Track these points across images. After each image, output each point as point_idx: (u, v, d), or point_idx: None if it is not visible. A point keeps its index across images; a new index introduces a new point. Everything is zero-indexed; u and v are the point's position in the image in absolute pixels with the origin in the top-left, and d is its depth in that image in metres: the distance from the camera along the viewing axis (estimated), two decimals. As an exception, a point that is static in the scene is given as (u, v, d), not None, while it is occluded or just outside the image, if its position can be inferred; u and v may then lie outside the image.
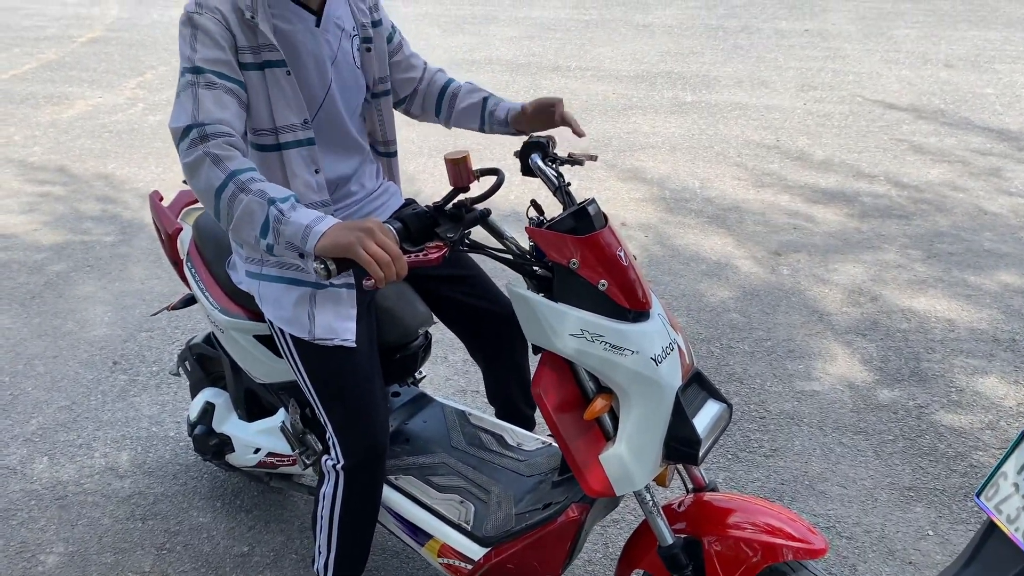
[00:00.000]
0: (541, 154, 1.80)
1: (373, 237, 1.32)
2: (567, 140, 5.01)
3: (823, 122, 5.23)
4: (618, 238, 1.54)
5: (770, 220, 3.98)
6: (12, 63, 7.14)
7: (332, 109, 1.67)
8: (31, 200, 4.37)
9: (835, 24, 7.69)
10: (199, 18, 1.47)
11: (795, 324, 3.16)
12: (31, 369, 2.99)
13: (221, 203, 1.40)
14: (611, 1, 9.01)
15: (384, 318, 1.84)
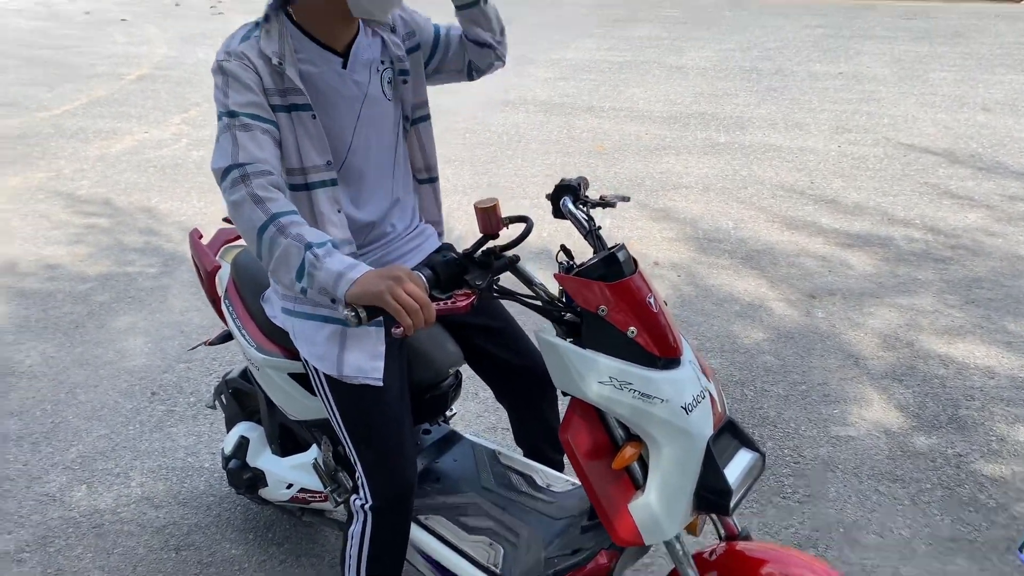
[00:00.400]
0: (572, 197, 1.82)
1: (402, 285, 1.35)
2: (600, 181, 5.05)
3: (858, 165, 5.21)
4: (648, 284, 1.55)
5: (804, 262, 3.96)
6: (64, 99, 7.39)
7: (362, 147, 1.70)
8: (77, 232, 4.50)
9: (869, 67, 7.69)
10: (228, 65, 1.54)
11: (830, 368, 3.13)
12: (73, 398, 3.06)
13: (262, 244, 1.46)
14: (645, 43, 9.10)
15: (415, 358, 1.87)
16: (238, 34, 1.58)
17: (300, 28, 1.61)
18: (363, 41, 1.69)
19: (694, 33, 9.62)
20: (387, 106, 1.73)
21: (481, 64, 1.90)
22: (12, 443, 2.82)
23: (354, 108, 1.67)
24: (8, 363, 3.29)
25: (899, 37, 9.05)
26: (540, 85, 7.39)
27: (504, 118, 6.42)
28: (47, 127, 6.51)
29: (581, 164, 5.38)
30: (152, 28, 11.04)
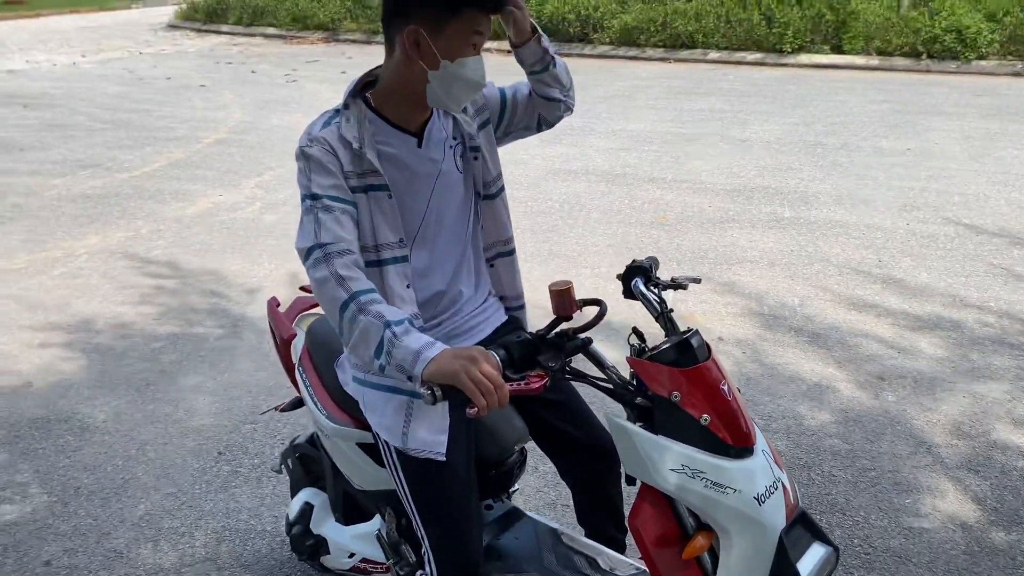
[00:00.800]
0: (644, 278, 1.83)
1: (478, 365, 1.39)
2: (663, 253, 5.06)
3: (927, 244, 5.12)
4: (722, 371, 1.55)
5: (872, 343, 3.88)
6: (144, 161, 7.74)
7: (435, 220, 1.76)
8: (151, 291, 4.67)
9: (938, 144, 7.60)
10: (311, 150, 1.64)
11: (901, 455, 3.04)
12: (143, 454, 3.13)
13: (343, 321, 1.52)
14: (707, 116, 9.17)
15: (482, 433, 1.88)
16: (319, 121, 1.67)
17: (377, 113, 1.70)
18: (437, 122, 1.77)
19: (757, 106, 9.67)
20: (459, 180, 1.80)
21: (551, 117, 1.97)
22: (84, 497, 2.89)
23: (429, 184, 1.74)
24: (83, 418, 3.40)
25: (968, 114, 8.95)
26: (602, 155, 7.48)
27: (565, 187, 6.50)
28: (127, 188, 6.81)
29: (643, 235, 5.40)
30: (229, 94, 11.54)
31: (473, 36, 1.61)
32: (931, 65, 12.06)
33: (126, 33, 21.67)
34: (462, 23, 1.59)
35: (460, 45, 1.60)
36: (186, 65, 14.91)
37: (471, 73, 1.63)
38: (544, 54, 1.84)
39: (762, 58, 13.30)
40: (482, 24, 1.62)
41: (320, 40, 18.49)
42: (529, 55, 1.83)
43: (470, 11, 1.58)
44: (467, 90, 1.67)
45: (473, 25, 1.60)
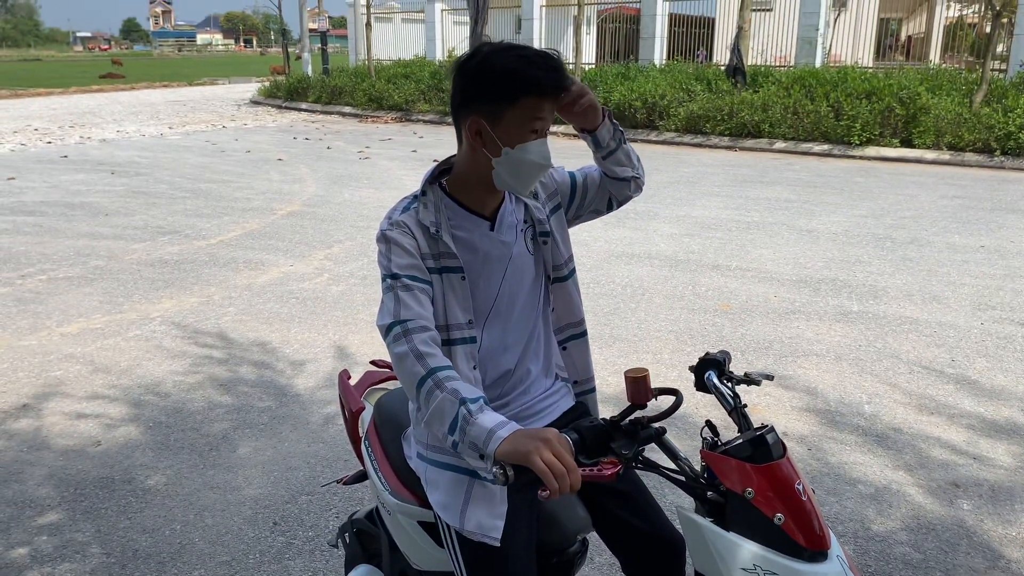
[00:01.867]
0: (717, 372, 1.82)
1: (551, 447, 1.39)
2: (727, 342, 4.99)
3: (1003, 345, 4.95)
4: (796, 470, 1.51)
5: (945, 447, 3.73)
6: (221, 229, 8.04)
7: (507, 300, 1.81)
8: (221, 356, 4.78)
9: (1013, 242, 7.42)
10: (391, 233, 1.69)
11: (978, 568, 2.88)
12: (200, 520, 3.16)
13: (420, 396, 1.55)
14: (773, 205, 9.15)
15: (545, 520, 1.85)
16: (399, 206, 1.74)
17: (453, 198, 1.77)
18: (509, 206, 1.83)
19: (824, 198, 9.62)
20: (530, 262, 1.85)
21: (621, 196, 2.01)
22: (141, 560, 2.92)
23: (501, 266, 1.79)
24: (145, 480, 3.46)
25: (1044, 213, 8.75)
26: (665, 240, 7.50)
27: (628, 271, 6.51)
28: (203, 255, 7.06)
29: (706, 322, 5.34)
30: (304, 168, 11.99)
31: (534, 123, 1.66)
32: (1005, 162, 11.89)
33: (211, 107, 22.84)
34: (521, 110, 1.65)
35: (520, 132, 1.66)
36: (265, 139, 15.58)
37: (534, 157, 1.68)
38: (615, 130, 1.89)
39: (829, 149, 13.31)
40: (542, 110, 1.67)
41: (393, 120, 19.18)
42: (605, 134, 1.88)
43: (528, 99, 1.64)
44: (532, 173, 1.72)
45: (533, 112, 1.65)
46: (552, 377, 1.96)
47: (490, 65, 1.64)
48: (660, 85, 15.70)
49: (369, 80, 20.88)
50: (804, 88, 14.23)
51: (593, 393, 2.01)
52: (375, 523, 2.27)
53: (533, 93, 1.63)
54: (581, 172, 2.00)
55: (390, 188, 10.05)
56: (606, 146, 1.89)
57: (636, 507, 1.87)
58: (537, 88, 1.63)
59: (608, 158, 1.92)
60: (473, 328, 1.75)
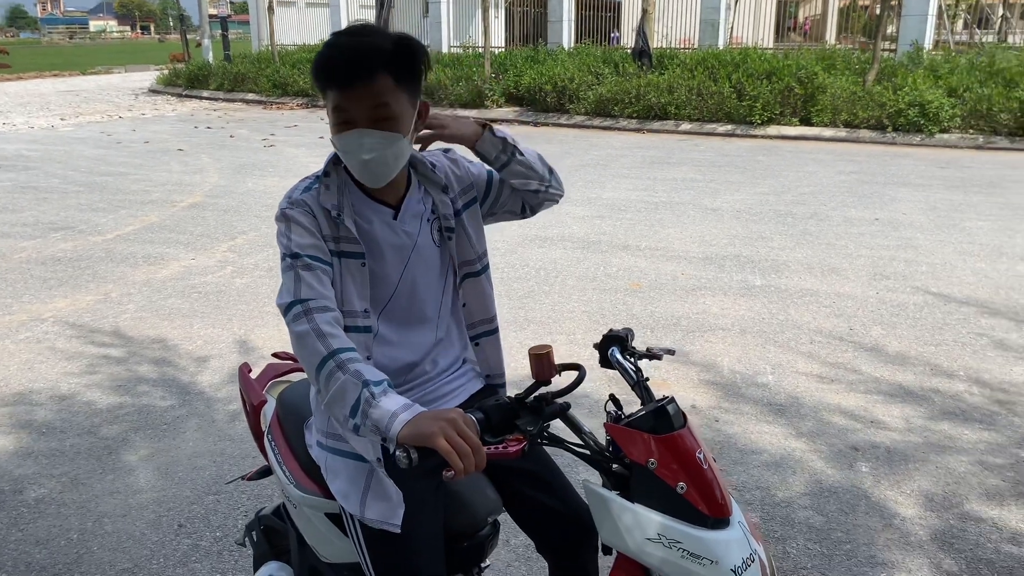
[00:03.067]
0: (620, 348, 1.83)
1: (455, 427, 1.37)
2: (636, 320, 5.06)
3: (897, 312, 5.18)
4: (697, 439, 1.53)
5: (845, 412, 3.88)
6: (119, 224, 7.70)
7: (407, 291, 1.77)
8: (117, 355, 4.57)
9: (906, 214, 7.78)
10: (291, 212, 1.65)
11: (875, 527, 3.01)
12: (99, 527, 3.02)
13: (321, 377, 1.51)
14: (679, 185, 9.33)
15: (452, 504, 1.83)
16: (300, 185, 1.69)
17: (356, 183, 1.72)
18: (415, 196, 1.78)
19: (728, 177, 9.87)
20: (435, 253, 1.81)
21: (533, 203, 1.99)
22: (35, 573, 2.77)
23: (403, 255, 1.75)
24: (39, 488, 3.28)
25: (934, 185, 9.19)
26: (577, 223, 7.56)
27: (542, 254, 6.53)
28: (99, 251, 6.75)
29: (617, 301, 5.41)
30: (206, 158, 11.59)
31: (337, 114, 1.62)
32: (896, 137, 12.44)
33: (106, 97, 21.85)
34: (328, 102, 1.63)
35: (333, 123, 1.64)
36: (165, 129, 15.00)
37: (344, 148, 1.63)
38: (504, 143, 1.85)
39: (732, 129, 13.66)
40: (340, 101, 1.60)
41: (299, 106, 18.74)
42: (488, 148, 1.85)
43: (329, 92, 1.61)
44: (361, 166, 1.63)
45: (333, 103, 1.61)
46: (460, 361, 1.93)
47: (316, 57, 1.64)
48: (569, 68, 15.79)
49: (273, 66, 20.34)
50: (707, 70, 14.55)
51: (503, 388, 1.99)
52: (282, 519, 2.21)
53: (331, 87, 1.60)
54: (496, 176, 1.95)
55: (296, 176, 9.67)
56: (495, 160, 1.87)
57: (546, 486, 1.87)
58: (327, 83, 1.60)
59: (503, 170, 1.89)
60: (368, 317, 1.71)
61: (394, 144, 1.62)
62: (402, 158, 1.67)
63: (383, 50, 1.58)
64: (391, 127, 1.61)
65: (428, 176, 1.80)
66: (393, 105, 1.61)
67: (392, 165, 1.65)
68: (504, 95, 16.31)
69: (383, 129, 1.60)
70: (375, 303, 1.73)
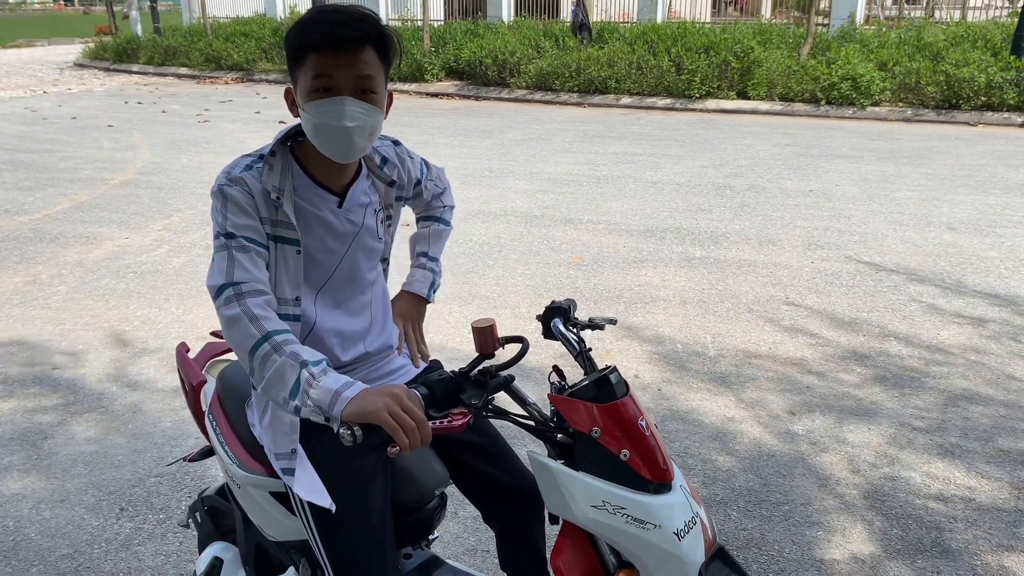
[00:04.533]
0: (563, 319, 1.85)
1: (399, 402, 1.37)
2: (579, 292, 5.11)
3: (831, 281, 5.33)
4: (639, 407, 1.56)
5: (782, 379, 3.99)
6: (46, 203, 7.43)
7: (344, 277, 1.76)
8: (52, 337, 4.44)
9: (838, 185, 7.98)
10: (229, 190, 1.59)
11: (812, 488, 3.11)
12: (36, 514, 2.95)
13: (254, 360, 1.47)
14: (621, 159, 9.40)
15: (400, 477, 1.83)
16: (241, 162, 1.63)
17: (302, 167, 1.68)
18: (361, 185, 1.76)
19: (668, 150, 9.97)
20: (376, 243, 1.81)
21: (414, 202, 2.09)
22: (-31, 561, 2.69)
23: (345, 243, 1.74)
24: (-29, 474, 3.18)
25: (865, 157, 9.44)
26: (520, 197, 7.57)
27: (485, 228, 6.53)
28: (27, 231, 6.52)
29: (560, 275, 5.45)
30: (138, 134, 11.24)
31: (318, 80, 1.56)
32: (830, 111, 12.71)
33: (29, 71, 20.96)
34: (306, 69, 1.57)
35: (308, 91, 1.57)
36: (93, 104, 14.48)
37: (320, 118, 1.56)
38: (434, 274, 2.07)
39: (672, 103, 13.78)
40: (324, 66, 1.55)
41: (234, 80, 18.28)
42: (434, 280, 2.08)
43: (310, 57, 1.56)
44: (333, 136, 1.58)
45: (315, 69, 1.56)
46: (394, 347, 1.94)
47: (291, 28, 1.60)
48: (510, 42, 15.71)
49: (205, 40, 19.75)
50: (647, 44, 14.63)
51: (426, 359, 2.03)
52: (226, 499, 2.18)
53: (310, 50, 1.55)
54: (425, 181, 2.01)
55: (232, 152, 9.57)
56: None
57: (492, 457, 1.89)
58: (312, 45, 1.55)
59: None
60: (297, 306, 1.69)
61: (375, 118, 1.60)
62: (375, 136, 1.65)
63: (373, 23, 1.58)
64: (372, 102, 1.59)
65: (376, 171, 1.79)
66: (376, 79, 1.59)
67: (367, 140, 1.62)
68: (444, 69, 16.15)
69: (366, 102, 1.58)
70: (311, 285, 1.71)
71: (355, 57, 1.55)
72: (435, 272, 2.06)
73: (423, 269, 2.05)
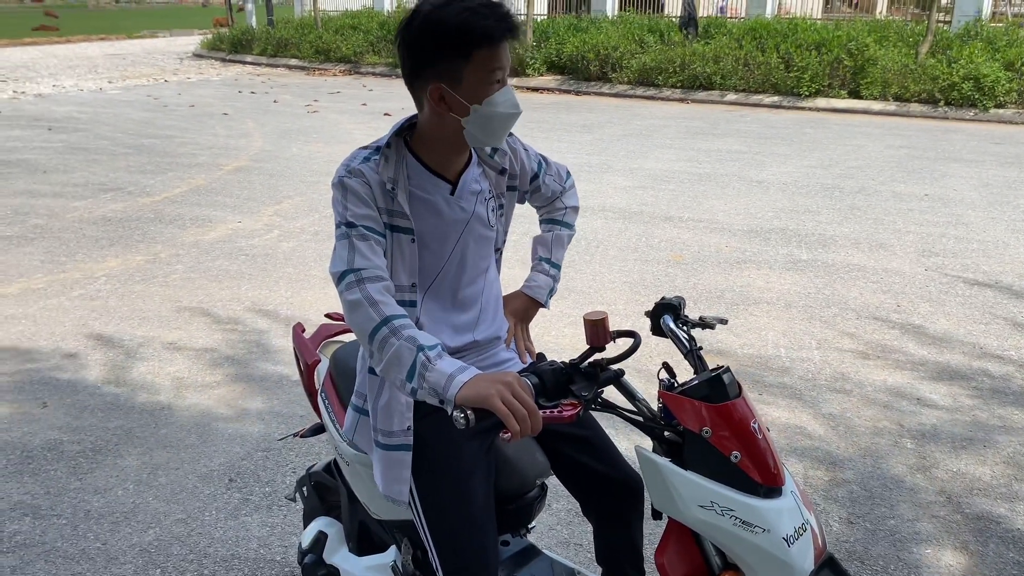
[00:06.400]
0: (673, 316, 1.83)
1: (511, 390, 1.39)
2: (679, 291, 5.04)
3: (946, 290, 5.09)
4: (752, 409, 1.53)
5: (890, 390, 3.84)
6: (166, 186, 7.82)
7: (456, 266, 1.79)
8: (168, 314, 4.68)
9: (956, 190, 7.60)
10: (349, 181, 1.64)
11: (920, 504, 2.99)
12: (154, 479, 3.11)
13: (374, 343, 1.52)
14: (724, 156, 9.21)
15: (502, 466, 1.85)
16: (359, 155, 1.68)
17: (416, 156, 1.72)
18: (473, 172, 1.79)
19: (775, 148, 9.71)
20: (487, 231, 1.83)
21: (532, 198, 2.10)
22: (94, 521, 2.87)
23: (457, 231, 1.77)
24: (96, 440, 3.39)
25: (986, 161, 8.96)
26: (619, 193, 7.51)
27: (583, 223, 6.51)
28: (148, 212, 6.88)
29: (660, 273, 5.39)
30: (251, 123, 11.69)
31: (494, 73, 1.60)
32: (949, 112, 12.12)
33: (152, 61, 22.08)
34: (478, 64, 1.58)
35: (484, 86, 1.60)
36: (210, 93, 15.14)
37: (503, 108, 1.63)
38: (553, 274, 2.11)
39: (779, 101, 13.41)
40: (499, 59, 1.60)
41: (342, 72, 18.77)
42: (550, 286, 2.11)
43: (481, 51, 1.57)
44: (504, 124, 1.67)
45: (490, 63, 1.59)
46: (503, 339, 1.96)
47: (435, 25, 1.57)
48: (612, 37, 15.59)
49: (316, 32, 20.36)
50: (755, 40, 14.26)
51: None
52: (333, 475, 2.26)
53: (485, 45, 1.57)
54: (544, 176, 2.02)
55: (340, 142, 9.86)
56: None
57: (594, 450, 1.89)
58: (488, 39, 1.56)
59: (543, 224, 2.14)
60: (414, 292, 1.74)
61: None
62: None
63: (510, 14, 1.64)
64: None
65: (486, 159, 1.82)
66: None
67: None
68: (546, 63, 16.17)
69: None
70: (423, 278, 1.75)
71: (510, 45, 1.62)
72: (556, 279, 2.09)
73: (545, 275, 2.08)
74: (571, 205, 2.12)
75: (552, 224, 2.11)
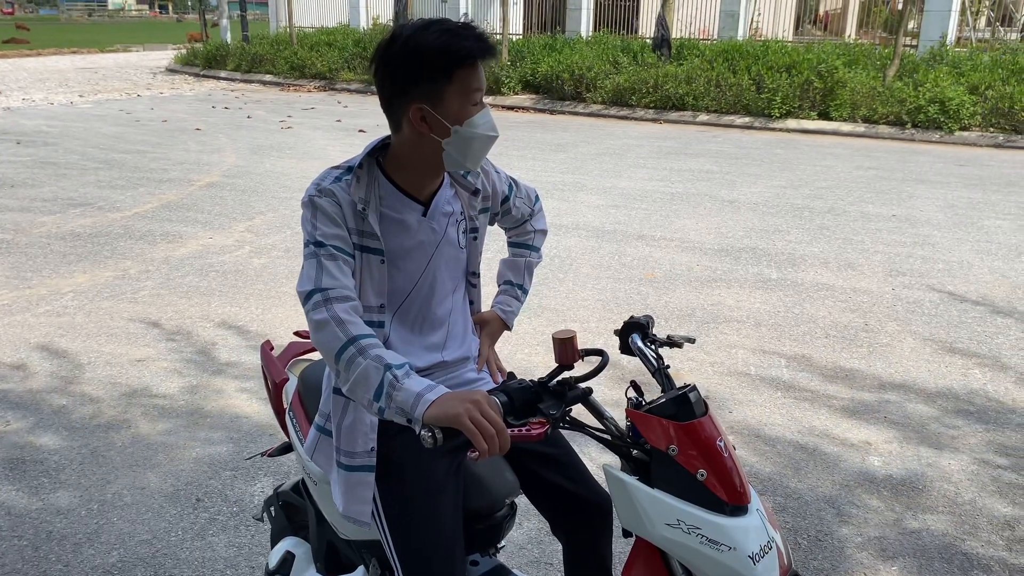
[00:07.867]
0: (641, 334, 1.84)
1: (480, 408, 1.39)
2: (651, 309, 5.07)
3: (912, 309, 5.17)
4: (718, 427, 1.54)
5: (859, 407, 3.89)
6: (137, 201, 7.75)
7: (427, 287, 1.79)
8: (136, 331, 4.62)
9: (923, 211, 7.74)
10: (319, 200, 1.64)
11: (888, 521, 3.02)
12: (119, 499, 3.06)
13: (340, 363, 1.51)
14: (696, 176, 9.31)
15: (471, 485, 1.85)
16: (330, 174, 1.68)
17: (388, 178, 1.72)
18: (445, 194, 1.80)
19: (746, 169, 9.83)
20: (458, 253, 1.84)
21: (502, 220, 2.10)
22: (55, 542, 2.82)
23: (427, 252, 1.77)
24: (59, 460, 3.33)
25: (951, 182, 9.13)
26: (592, 211, 7.56)
27: (556, 242, 6.54)
28: (118, 228, 6.80)
29: (632, 291, 5.42)
30: (224, 138, 11.63)
31: (473, 94, 1.62)
32: (915, 134, 12.35)
33: (124, 75, 21.91)
34: (459, 85, 1.60)
35: (463, 105, 1.62)
36: (183, 108, 15.05)
37: (482, 129, 1.65)
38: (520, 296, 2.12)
39: (750, 122, 13.59)
40: (478, 80, 1.62)
41: (316, 88, 18.76)
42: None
43: (462, 71, 1.59)
44: (483, 146, 1.69)
45: (470, 84, 1.61)
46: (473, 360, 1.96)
47: (417, 47, 1.58)
48: (587, 57, 15.73)
49: (291, 48, 20.34)
50: (727, 61, 14.46)
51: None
52: (301, 495, 2.23)
53: (467, 64, 1.59)
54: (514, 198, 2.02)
55: (313, 158, 9.84)
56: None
57: (563, 469, 1.89)
58: (469, 59, 1.59)
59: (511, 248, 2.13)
60: (383, 312, 1.73)
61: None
62: None
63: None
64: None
65: (459, 180, 1.82)
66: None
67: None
68: (521, 82, 16.27)
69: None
70: (392, 299, 1.75)
71: (482, 67, 1.63)
72: (521, 302, 2.11)
73: (516, 300, 2.09)
74: (539, 228, 2.13)
75: (521, 248, 2.11)
